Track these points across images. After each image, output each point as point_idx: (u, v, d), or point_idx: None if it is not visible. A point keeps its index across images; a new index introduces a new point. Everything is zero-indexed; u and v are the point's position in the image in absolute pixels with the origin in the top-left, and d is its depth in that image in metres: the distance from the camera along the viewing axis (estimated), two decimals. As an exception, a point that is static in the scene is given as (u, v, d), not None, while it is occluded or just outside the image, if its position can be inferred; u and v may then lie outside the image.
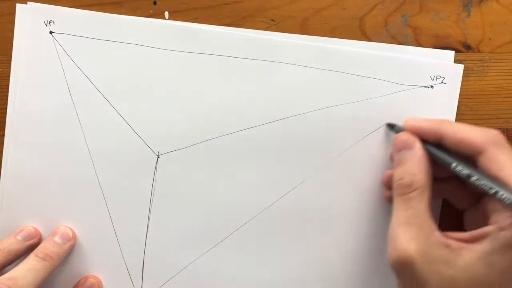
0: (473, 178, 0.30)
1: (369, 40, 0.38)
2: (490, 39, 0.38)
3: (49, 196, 0.38)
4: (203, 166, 0.37)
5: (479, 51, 0.38)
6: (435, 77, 0.37)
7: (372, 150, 0.37)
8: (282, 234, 0.37)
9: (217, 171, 0.37)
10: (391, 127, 0.36)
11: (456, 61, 0.37)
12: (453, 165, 0.31)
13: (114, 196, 0.37)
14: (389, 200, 0.36)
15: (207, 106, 0.37)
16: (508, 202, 0.28)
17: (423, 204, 0.31)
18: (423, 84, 0.37)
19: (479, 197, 0.34)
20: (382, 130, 0.37)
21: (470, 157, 0.31)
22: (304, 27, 0.38)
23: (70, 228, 0.37)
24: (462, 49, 0.38)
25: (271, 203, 0.37)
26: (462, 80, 0.37)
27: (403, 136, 0.33)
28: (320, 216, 0.37)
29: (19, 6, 0.37)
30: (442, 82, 0.37)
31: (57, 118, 0.37)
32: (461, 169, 0.31)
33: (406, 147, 0.33)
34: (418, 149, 0.32)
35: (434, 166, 0.33)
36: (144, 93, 0.37)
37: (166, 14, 0.38)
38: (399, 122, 0.36)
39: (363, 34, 0.38)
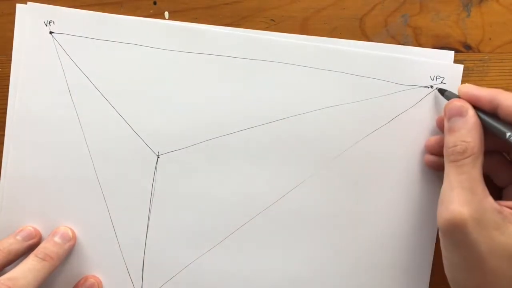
0: None
1: (369, 40, 0.38)
2: (490, 39, 0.38)
3: (49, 196, 0.38)
4: (203, 166, 0.37)
5: (479, 51, 0.38)
6: (435, 77, 0.37)
7: (372, 150, 0.37)
8: (282, 234, 0.37)
9: (217, 171, 0.37)
10: (442, 92, 0.36)
11: (456, 61, 0.37)
12: (508, 134, 0.31)
13: (114, 196, 0.37)
14: (430, 165, 0.36)
15: (207, 106, 0.37)
16: None
17: (477, 170, 0.30)
18: (423, 84, 0.37)
19: None
20: (379, 132, 0.37)
21: None
22: (304, 27, 0.38)
23: (70, 228, 0.37)
24: (462, 49, 0.38)
25: (271, 203, 0.37)
26: (462, 80, 0.37)
27: (457, 103, 0.33)
28: (320, 216, 0.37)
29: (19, 6, 0.37)
30: (442, 82, 0.37)
31: (57, 118, 0.37)
32: None
33: (459, 114, 0.32)
34: (471, 116, 0.32)
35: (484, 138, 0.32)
36: (144, 93, 0.37)
37: (166, 14, 0.38)
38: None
39: (363, 34, 0.38)
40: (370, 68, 0.37)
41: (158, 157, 0.37)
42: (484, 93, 0.32)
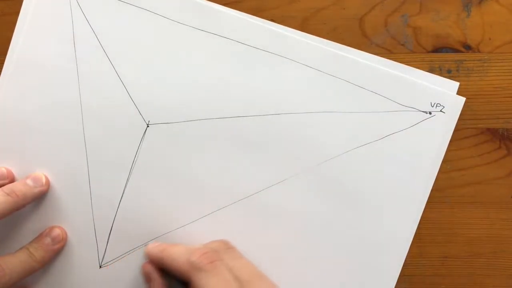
0: None
1: (369, 40, 0.38)
2: (490, 39, 0.38)
3: (31, 142, 0.37)
4: (190, 144, 0.37)
5: (479, 51, 0.38)
6: (435, 105, 0.37)
7: (359, 163, 0.37)
8: (253, 226, 0.37)
9: (203, 152, 0.37)
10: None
11: (456, 61, 0.37)
12: None
13: (97, 154, 0.37)
14: None
15: (207, 86, 0.37)
16: None
17: None
18: (422, 109, 0.37)
19: None
20: (368, 146, 0.37)
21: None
22: (304, 27, 0.38)
23: (45, 175, 0.37)
24: (462, 49, 0.38)
25: (249, 194, 0.37)
26: (462, 80, 0.37)
27: (144, 269, 0.34)
28: (294, 216, 0.37)
29: None
30: (441, 111, 0.37)
31: (56, 67, 0.37)
32: None
33: (147, 280, 0.34)
34: (155, 281, 0.33)
35: None
36: (148, 61, 0.37)
37: None
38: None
39: (363, 34, 0.38)
40: (374, 82, 0.37)
41: (148, 126, 0.37)
42: (153, 252, 0.34)
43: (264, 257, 0.37)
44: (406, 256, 0.37)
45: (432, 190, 0.37)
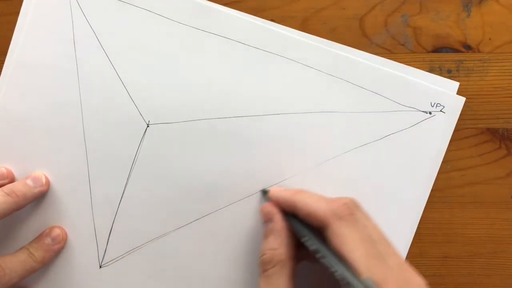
0: (318, 255, 0.30)
1: (369, 40, 0.38)
2: (490, 39, 0.38)
3: (31, 142, 0.37)
4: (190, 144, 0.37)
5: (479, 51, 0.38)
6: (435, 105, 0.37)
7: (358, 163, 0.37)
8: (251, 227, 0.37)
9: (203, 152, 0.37)
10: (264, 193, 0.36)
11: (456, 61, 0.37)
12: (304, 238, 0.31)
13: (97, 154, 0.37)
14: None
15: (207, 86, 0.37)
16: (343, 281, 0.28)
17: (283, 279, 0.30)
18: (422, 109, 0.37)
19: None
20: (368, 147, 0.37)
21: (321, 230, 0.31)
22: (304, 27, 0.38)
23: (45, 175, 0.37)
24: (462, 49, 0.38)
25: (248, 194, 0.37)
26: (462, 80, 0.37)
27: (265, 208, 0.34)
28: None
29: None
30: (441, 111, 0.37)
31: (56, 66, 0.37)
32: (310, 243, 0.30)
33: (268, 219, 0.33)
34: (277, 222, 0.32)
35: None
36: (148, 61, 0.37)
37: None
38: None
39: (363, 34, 0.38)
40: (374, 82, 0.37)
41: (148, 126, 0.37)
42: (284, 196, 0.33)
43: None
44: (406, 256, 0.37)
45: (432, 190, 0.37)
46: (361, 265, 0.28)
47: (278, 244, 0.32)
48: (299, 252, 0.32)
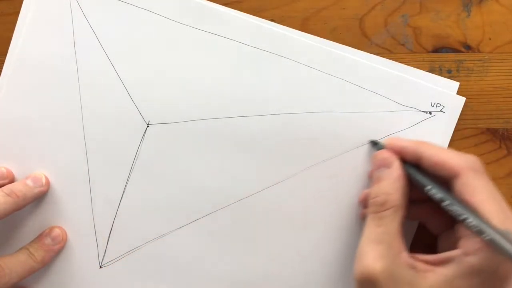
0: (445, 203, 0.30)
1: (369, 40, 0.38)
2: (490, 39, 0.38)
3: (31, 141, 0.38)
4: (190, 144, 0.37)
5: (479, 51, 0.38)
6: (435, 104, 0.37)
7: (359, 163, 0.37)
8: (254, 227, 0.37)
9: (203, 152, 0.37)
10: (374, 144, 0.36)
11: (456, 61, 0.37)
12: (428, 187, 0.31)
13: (97, 154, 0.37)
14: (363, 219, 0.35)
15: (207, 86, 0.37)
16: (475, 229, 0.28)
17: (395, 224, 0.31)
18: (422, 109, 0.37)
19: (453, 222, 0.33)
20: (366, 147, 0.37)
21: (447, 181, 0.31)
22: (304, 27, 0.38)
23: (45, 176, 0.37)
24: (462, 49, 0.38)
25: (250, 194, 0.37)
26: (462, 80, 0.37)
27: (383, 154, 0.33)
28: (294, 216, 0.37)
29: None
30: (441, 111, 0.37)
31: (56, 67, 0.37)
32: (435, 192, 0.31)
33: (384, 165, 0.33)
34: (395, 169, 0.32)
35: (413, 188, 0.33)
36: (148, 61, 0.37)
37: None
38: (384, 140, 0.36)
39: (363, 34, 0.38)
40: (374, 82, 0.37)
41: (148, 126, 0.37)
42: (408, 145, 0.33)
43: (264, 256, 0.37)
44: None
45: (432, 190, 0.37)
46: (495, 218, 0.28)
47: (393, 190, 0.31)
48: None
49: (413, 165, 0.33)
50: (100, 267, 0.38)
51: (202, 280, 0.38)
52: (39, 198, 0.37)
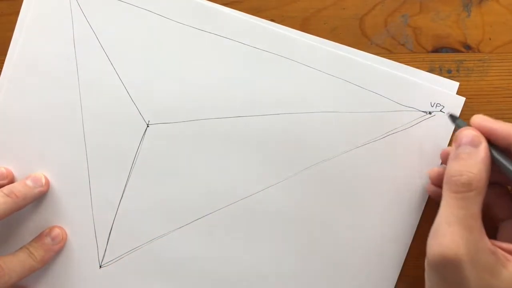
0: None
1: (369, 40, 0.38)
2: (490, 39, 0.38)
3: (31, 142, 0.38)
4: (190, 144, 0.37)
5: (479, 51, 0.38)
6: (435, 104, 0.36)
7: (359, 162, 0.37)
8: (254, 227, 0.37)
9: (203, 152, 0.37)
10: (454, 119, 0.35)
11: (456, 61, 0.37)
12: None
13: (97, 154, 0.37)
14: (433, 196, 0.35)
15: (207, 86, 0.37)
16: None
17: (477, 206, 0.29)
18: (422, 109, 0.37)
19: None
20: (366, 147, 0.37)
21: None
22: (304, 27, 0.38)
23: (45, 176, 0.37)
24: (462, 49, 0.38)
25: (251, 194, 0.37)
26: (462, 80, 0.37)
27: (471, 132, 0.31)
28: (294, 217, 0.37)
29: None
30: (441, 111, 0.36)
31: (56, 67, 0.37)
32: None
33: (471, 143, 0.31)
34: (483, 149, 0.30)
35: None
36: (148, 61, 0.37)
37: None
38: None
39: (363, 34, 0.38)
40: (374, 82, 0.37)
41: (148, 126, 0.37)
42: (501, 127, 0.31)
43: (264, 256, 0.37)
44: (406, 256, 0.37)
45: (432, 190, 0.37)
46: None
47: (478, 170, 0.29)
48: None
49: (498, 148, 0.31)
50: (100, 267, 0.38)
51: (202, 280, 0.38)
52: (39, 198, 0.37)
